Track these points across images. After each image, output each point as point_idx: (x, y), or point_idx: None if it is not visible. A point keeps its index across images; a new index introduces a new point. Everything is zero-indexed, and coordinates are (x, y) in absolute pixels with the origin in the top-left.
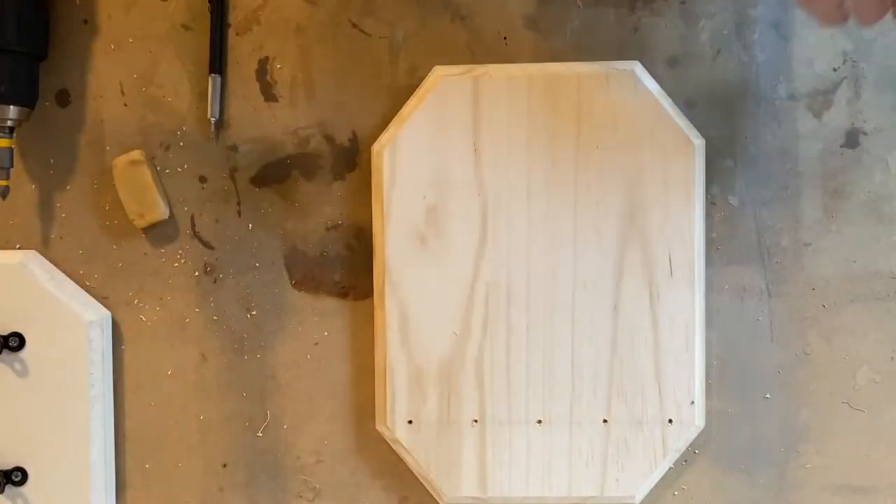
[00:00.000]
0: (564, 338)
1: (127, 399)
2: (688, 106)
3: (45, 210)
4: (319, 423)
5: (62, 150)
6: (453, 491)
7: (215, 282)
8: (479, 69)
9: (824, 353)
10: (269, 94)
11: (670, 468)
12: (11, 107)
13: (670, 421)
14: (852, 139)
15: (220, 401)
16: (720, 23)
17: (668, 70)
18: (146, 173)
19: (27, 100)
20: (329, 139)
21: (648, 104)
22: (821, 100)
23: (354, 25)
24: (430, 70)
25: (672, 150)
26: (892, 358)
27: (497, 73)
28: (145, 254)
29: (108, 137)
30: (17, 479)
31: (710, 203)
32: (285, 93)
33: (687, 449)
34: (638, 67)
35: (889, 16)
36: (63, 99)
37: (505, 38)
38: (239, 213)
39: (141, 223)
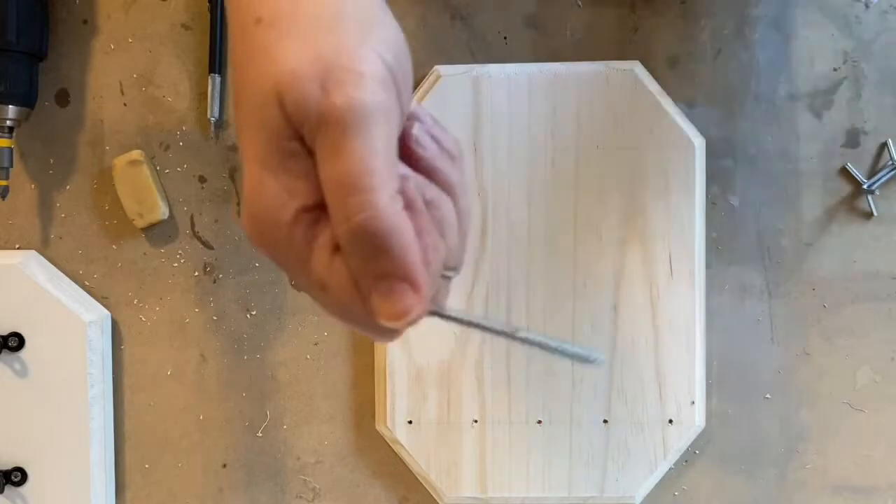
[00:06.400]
0: (564, 338)
1: (127, 399)
2: (688, 106)
3: (45, 210)
4: (319, 423)
5: (62, 150)
6: (453, 491)
7: (215, 282)
8: (480, 69)
9: (824, 353)
10: None
11: (670, 468)
12: (11, 107)
13: (670, 421)
14: (852, 139)
15: (220, 401)
16: (720, 22)
17: (668, 70)
18: (146, 173)
19: (27, 100)
20: None
21: (648, 104)
22: (821, 100)
23: None
24: (430, 70)
25: (672, 150)
26: (893, 358)
27: (497, 72)
28: (145, 254)
29: (107, 137)
30: (16, 480)
31: (710, 203)
32: None
33: (687, 449)
34: (638, 67)
35: None
36: (63, 99)
37: (505, 37)
38: (239, 214)
39: (141, 223)
